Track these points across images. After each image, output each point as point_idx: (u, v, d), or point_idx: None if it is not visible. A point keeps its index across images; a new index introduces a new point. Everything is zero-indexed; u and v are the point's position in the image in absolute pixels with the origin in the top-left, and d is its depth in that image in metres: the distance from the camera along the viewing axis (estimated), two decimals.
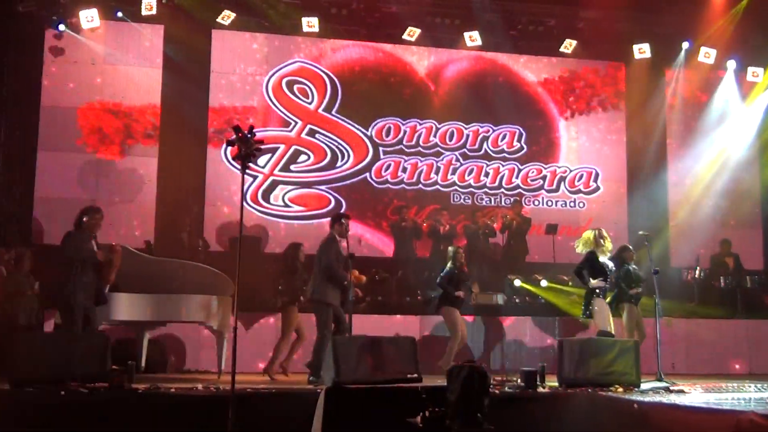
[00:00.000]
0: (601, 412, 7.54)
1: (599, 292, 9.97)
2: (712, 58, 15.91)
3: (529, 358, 11.68)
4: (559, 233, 15.22)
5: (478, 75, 16.24)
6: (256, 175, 14.85)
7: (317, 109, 15.41)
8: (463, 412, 6.58)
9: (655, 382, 9.14)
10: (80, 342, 8.17)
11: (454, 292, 11.07)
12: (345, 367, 7.71)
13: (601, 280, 9.93)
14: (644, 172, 16.31)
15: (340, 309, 9.57)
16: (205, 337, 11.19)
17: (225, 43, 15.18)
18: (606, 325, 9.75)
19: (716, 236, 15.43)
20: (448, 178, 15.70)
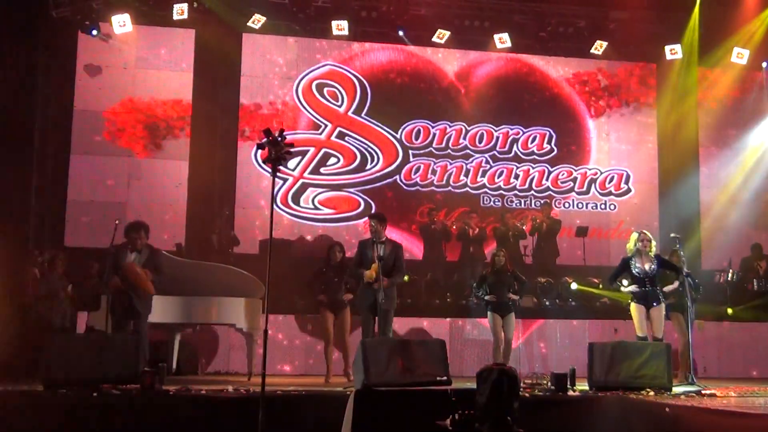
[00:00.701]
0: (631, 415, 7.49)
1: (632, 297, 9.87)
2: (745, 58, 15.74)
3: (560, 361, 11.60)
4: (589, 235, 15.14)
5: (508, 77, 16.20)
6: (286, 178, 14.92)
7: (347, 112, 15.46)
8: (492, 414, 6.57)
9: (686, 386, 9.07)
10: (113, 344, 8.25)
11: (483, 296, 10.82)
12: (374, 370, 7.70)
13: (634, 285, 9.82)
14: (676, 174, 16.19)
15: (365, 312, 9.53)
16: (235, 339, 11.26)
17: (255, 47, 15.28)
18: (639, 331, 9.67)
19: (748, 239, 15.26)
20: (478, 181, 15.68)
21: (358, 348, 8.00)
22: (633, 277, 9.87)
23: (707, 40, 15.85)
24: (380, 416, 7.24)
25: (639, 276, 9.81)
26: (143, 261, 9.07)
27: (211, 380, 10.00)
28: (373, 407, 7.29)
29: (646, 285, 9.79)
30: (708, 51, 15.99)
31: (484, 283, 10.81)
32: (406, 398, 7.44)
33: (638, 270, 9.82)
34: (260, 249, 14.11)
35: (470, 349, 12.17)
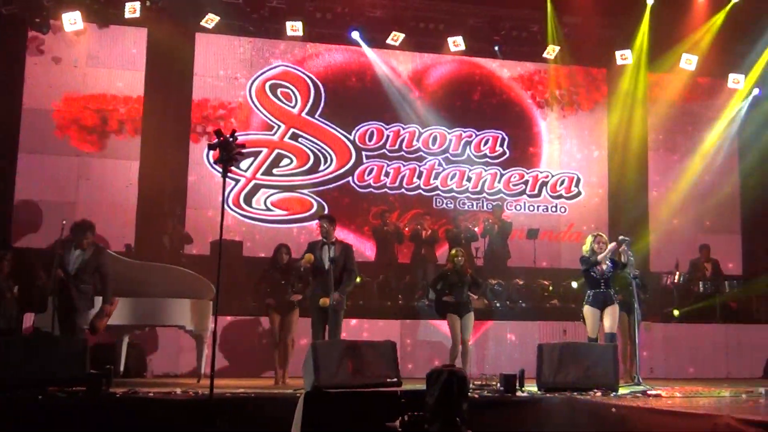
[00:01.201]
0: (579, 416, 7.56)
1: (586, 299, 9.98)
2: (693, 64, 15.99)
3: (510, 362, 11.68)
4: (540, 238, 15.30)
5: (461, 80, 16.31)
6: (239, 179, 14.85)
7: (300, 113, 15.43)
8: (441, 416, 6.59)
9: (633, 386, 9.20)
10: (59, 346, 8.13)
11: (441, 296, 10.86)
12: (325, 371, 7.70)
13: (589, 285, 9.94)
14: (625, 177, 16.42)
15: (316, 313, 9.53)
16: (185, 341, 11.15)
17: (208, 47, 15.19)
18: (592, 333, 9.78)
19: (696, 242, 15.52)
20: (431, 183, 15.75)
21: (309, 350, 7.98)
22: (590, 278, 9.96)
23: (657, 45, 16.09)
24: (330, 418, 7.24)
25: (596, 277, 9.90)
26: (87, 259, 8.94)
27: (160, 383, 9.90)
28: (322, 409, 7.28)
29: (601, 286, 9.89)
30: (657, 57, 16.23)
31: (442, 281, 10.82)
32: (355, 400, 7.44)
33: (595, 272, 9.91)
34: (211, 250, 13.99)
35: (421, 351, 12.21)
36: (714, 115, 16.73)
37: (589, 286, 9.98)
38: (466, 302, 10.71)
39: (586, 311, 9.92)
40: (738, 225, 16.66)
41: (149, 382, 10.20)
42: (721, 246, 15.55)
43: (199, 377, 10.22)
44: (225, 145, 6.89)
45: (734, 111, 16.72)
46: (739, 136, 16.76)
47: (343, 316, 9.65)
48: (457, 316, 10.64)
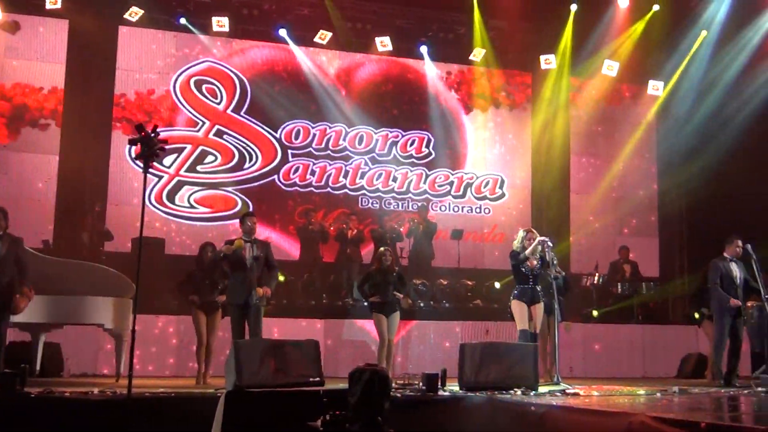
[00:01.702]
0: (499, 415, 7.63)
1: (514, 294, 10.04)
2: (615, 70, 16.37)
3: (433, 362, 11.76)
4: (464, 239, 15.43)
5: (389, 80, 16.37)
6: (161, 176, 14.63)
7: (226, 110, 15.28)
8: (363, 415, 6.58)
9: (552, 385, 9.34)
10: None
11: (368, 296, 10.86)
12: (247, 370, 7.63)
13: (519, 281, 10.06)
14: (548, 180, 16.70)
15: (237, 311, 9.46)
16: (104, 340, 10.93)
17: (132, 40, 14.92)
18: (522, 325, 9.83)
19: (615, 244, 15.87)
20: (357, 182, 15.76)
21: (231, 349, 7.91)
22: (519, 274, 10.04)
23: (580, 51, 16.40)
24: (251, 418, 7.17)
25: (525, 273, 9.98)
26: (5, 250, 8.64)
27: (77, 382, 9.67)
28: (243, 408, 7.22)
29: (529, 282, 9.99)
30: (580, 62, 16.55)
31: (369, 281, 10.83)
32: (277, 399, 7.39)
33: (525, 267, 10.01)
34: (132, 247, 13.72)
35: (345, 350, 12.20)
36: (634, 121, 17.14)
37: (517, 281, 10.05)
38: (392, 302, 10.74)
39: (514, 305, 9.95)
40: (656, 228, 17.08)
41: (66, 381, 9.96)
42: (639, 248, 15.94)
43: (117, 377, 10.02)
44: (146, 141, 6.77)
45: (653, 116, 17.14)
46: (657, 140, 17.18)
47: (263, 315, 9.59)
48: (384, 316, 10.66)
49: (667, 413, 6.02)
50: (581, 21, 16.09)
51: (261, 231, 13.32)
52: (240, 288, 9.41)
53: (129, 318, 9.89)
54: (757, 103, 14.78)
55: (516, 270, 10.06)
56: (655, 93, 16.88)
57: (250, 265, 9.41)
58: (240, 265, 9.42)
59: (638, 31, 16.13)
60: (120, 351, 10.15)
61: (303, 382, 7.85)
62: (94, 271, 10.39)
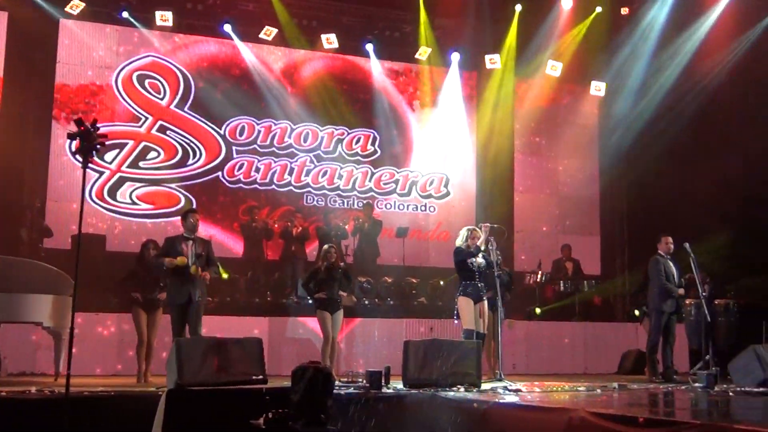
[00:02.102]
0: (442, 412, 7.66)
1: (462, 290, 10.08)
2: (558, 70, 16.55)
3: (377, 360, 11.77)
4: (409, 236, 15.46)
5: (335, 77, 16.31)
6: (103, 171, 14.40)
7: (169, 105, 15.09)
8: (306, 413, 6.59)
9: (494, 382, 9.42)
10: None
11: (313, 293, 10.85)
12: (188, 369, 7.55)
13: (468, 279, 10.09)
14: (492, 178, 16.84)
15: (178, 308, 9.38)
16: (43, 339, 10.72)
17: (73, 34, 14.65)
18: (470, 324, 9.89)
19: (558, 243, 16.08)
20: (302, 180, 15.70)
21: (172, 347, 7.82)
22: (466, 270, 10.06)
23: (524, 51, 16.56)
24: (192, 416, 7.10)
25: (474, 269, 10.03)
26: None
27: (15, 381, 9.47)
28: (185, 407, 7.14)
29: (476, 279, 10.03)
30: (525, 62, 16.71)
31: (315, 278, 10.79)
32: (219, 398, 7.33)
33: (473, 264, 10.02)
34: (72, 244, 13.48)
35: (289, 348, 12.14)
36: (576, 121, 17.36)
37: (463, 278, 10.08)
38: (336, 299, 10.73)
39: (462, 302, 9.98)
40: (597, 227, 17.32)
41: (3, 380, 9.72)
42: (581, 247, 16.15)
43: (56, 376, 9.83)
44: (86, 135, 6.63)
45: (595, 117, 17.38)
46: (599, 140, 17.42)
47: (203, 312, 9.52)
48: (328, 313, 10.64)
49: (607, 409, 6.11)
50: (526, 21, 16.26)
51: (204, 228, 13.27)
52: (181, 286, 9.35)
53: (68, 316, 9.70)
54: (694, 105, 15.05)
55: (462, 266, 10.10)
56: (597, 94, 17.13)
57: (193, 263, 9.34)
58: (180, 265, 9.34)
59: (581, 33, 16.36)
60: (59, 349, 9.96)
61: (246, 380, 7.78)
62: (32, 268, 10.18)
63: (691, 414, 6.76)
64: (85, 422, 6.93)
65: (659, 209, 15.17)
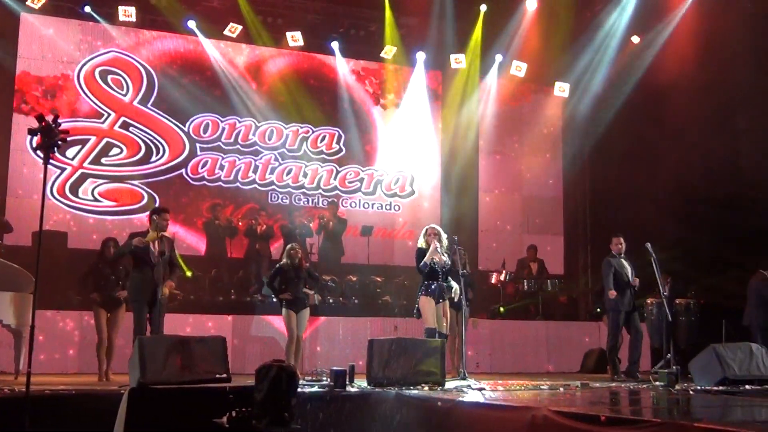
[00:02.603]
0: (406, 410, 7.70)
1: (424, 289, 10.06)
2: (523, 71, 16.66)
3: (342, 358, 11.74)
4: (374, 235, 15.48)
5: (300, 75, 16.27)
6: (64, 167, 14.24)
7: (132, 102, 14.95)
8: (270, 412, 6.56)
9: (458, 381, 9.45)
10: None
11: (278, 292, 10.79)
12: (151, 367, 7.48)
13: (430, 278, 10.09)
14: (457, 178, 16.89)
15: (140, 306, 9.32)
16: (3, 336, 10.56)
17: (34, 28, 14.45)
18: (432, 323, 9.86)
19: (522, 242, 16.20)
20: (266, 178, 15.64)
21: (135, 345, 7.75)
22: (429, 270, 10.02)
23: (489, 51, 16.65)
24: (155, 415, 7.03)
25: (436, 269, 10.03)
26: None
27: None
28: (147, 406, 7.07)
29: (439, 278, 10.01)
30: (489, 62, 16.79)
31: (279, 277, 10.73)
32: (182, 396, 7.26)
33: (435, 263, 10.03)
34: (33, 241, 13.29)
35: (253, 346, 12.09)
36: (540, 121, 17.49)
37: (426, 277, 10.05)
38: (302, 298, 10.70)
39: (423, 302, 9.95)
40: (561, 227, 17.46)
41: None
42: (544, 246, 16.28)
43: (16, 374, 9.70)
44: (47, 131, 6.56)
45: (559, 117, 17.52)
46: (563, 141, 17.57)
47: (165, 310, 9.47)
48: (293, 312, 10.61)
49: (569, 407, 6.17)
50: (491, 22, 16.33)
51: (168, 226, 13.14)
52: (145, 284, 9.27)
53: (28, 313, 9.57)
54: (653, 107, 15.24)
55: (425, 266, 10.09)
56: (561, 94, 17.27)
57: (156, 261, 9.28)
58: (145, 261, 9.27)
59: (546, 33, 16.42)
60: (19, 347, 9.83)
61: (209, 378, 7.72)
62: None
63: (652, 412, 6.86)
64: (47, 421, 6.87)
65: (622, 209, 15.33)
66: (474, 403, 7.15)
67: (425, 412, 7.40)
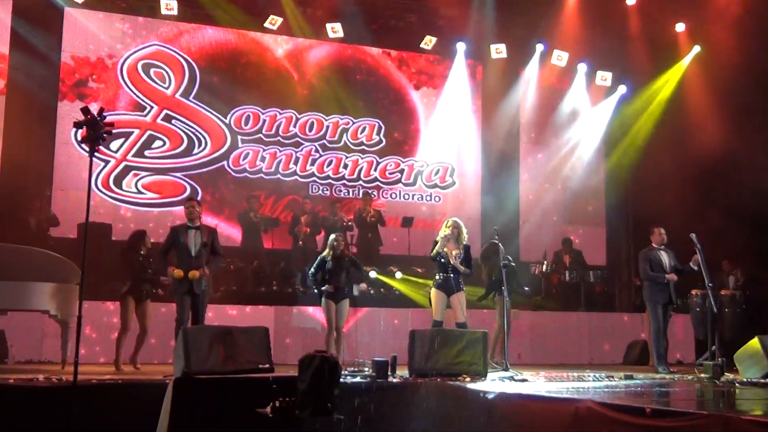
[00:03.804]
0: (448, 401, 7.70)
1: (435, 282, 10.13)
2: (564, 60, 16.53)
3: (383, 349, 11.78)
4: (414, 226, 15.46)
5: (340, 66, 16.29)
6: (108, 160, 14.40)
7: (174, 94, 15.07)
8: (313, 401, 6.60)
9: (501, 372, 9.42)
10: None
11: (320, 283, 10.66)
12: (195, 357, 7.57)
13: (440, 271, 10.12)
14: (498, 168, 16.82)
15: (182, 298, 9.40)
16: (49, 327, 10.75)
17: (78, 23, 14.61)
18: (436, 315, 9.97)
19: (564, 232, 16.08)
20: (307, 169, 15.69)
21: (179, 336, 7.84)
22: (439, 263, 10.09)
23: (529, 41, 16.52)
24: (200, 405, 7.12)
25: (444, 263, 10.07)
26: None
27: (22, 369, 9.52)
28: (192, 396, 7.16)
29: (448, 272, 10.05)
30: (530, 52, 16.65)
31: (322, 268, 10.75)
32: (226, 386, 7.34)
33: (444, 257, 10.06)
34: (79, 233, 13.46)
35: (295, 337, 12.16)
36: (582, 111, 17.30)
37: (438, 269, 10.14)
38: (342, 288, 10.69)
39: (433, 294, 10.10)
40: (603, 217, 17.30)
41: (11, 368, 9.79)
42: (586, 237, 16.15)
43: (63, 363, 9.86)
44: (92, 124, 6.64)
45: (601, 107, 17.34)
46: (605, 131, 17.38)
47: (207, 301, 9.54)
48: (333, 303, 10.62)
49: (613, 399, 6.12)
50: (531, 11, 16.17)
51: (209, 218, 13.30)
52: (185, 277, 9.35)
53: (75, 304, 9.72)
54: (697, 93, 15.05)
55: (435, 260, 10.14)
56: (603, 83, 17.09)
57: (197, 252, 9.35)
58: (185, 253, 9.37)
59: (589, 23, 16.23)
60: (65, 337, 9.98)
61: (252, 368, 7.81)
62: (38, 256, 10.19)
63: (697, 404, 6.78)
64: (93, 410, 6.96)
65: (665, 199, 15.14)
66: (517, 394, 7.11)
67: (467, 403, 7.38)
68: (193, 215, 9.57)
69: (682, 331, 13.55)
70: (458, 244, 10.11)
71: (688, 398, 7.47)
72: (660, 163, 15.60)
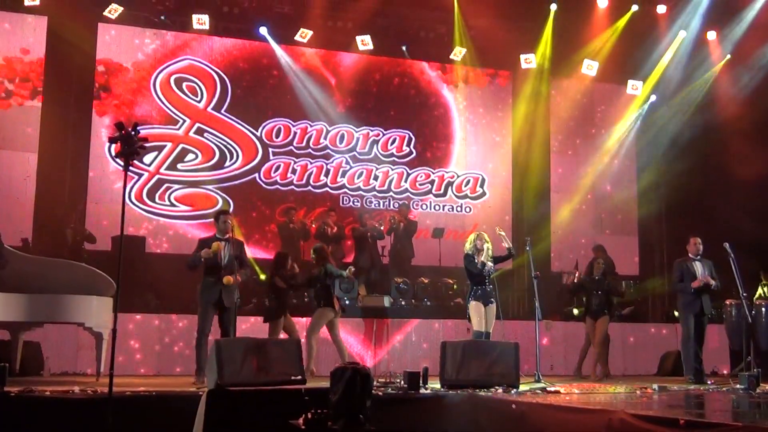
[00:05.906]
0: (480, 412, 7.69)
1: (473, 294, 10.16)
2: (594, 70, 16.46)
3: (414, 360, 11.79)
4: (445, 237, 15.46)
5: (370, 79, 16.36)
6: (142, 173, 14.57)
7: (206, 108, 15.23)
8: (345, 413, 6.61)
9: (533, 383, 9.39)
10: None
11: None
12: (228, 369, 7.63)
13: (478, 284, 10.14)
14: (528, 178, 16.76)
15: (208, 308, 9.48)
16: (84, 339, 10.87)
17: (111, 37, 14.83)
18: (479, 327, 9.96)
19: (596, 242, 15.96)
20: (338, 181, 15.76)
21: (212, 347, 7.90)
22: (476, 275, 10.13)
23: (560, 50, 16.48)
24: (233, 416, 7.17)
25: (483, 274, 10.11)
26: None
27: (58, 381, 9.62)
28: (225, 407, 7.21)
29: (486, 283, 10.11)
30: (560, 61, 16.62)
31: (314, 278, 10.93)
32: (259, 398, 7.39)
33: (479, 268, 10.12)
34: (113, 245, 13.64)
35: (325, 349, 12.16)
36: (613, 120, 17.23)
37: (474, 282, 10.19)
38: None
39: (473, 306, 10.10)
40: (635, 227, 17.18)
41: (46, 380, 9.90)
42: (618, 247, 16.04)
43: (98, 375, 9.96)
44: (126, 138, 6.74)
45: (633, 116, 17.25)
46: (636, 140, 17.28)
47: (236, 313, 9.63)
48: None
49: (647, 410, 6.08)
50: (561, 20, 16.16)
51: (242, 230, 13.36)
52: (212, 287, 9.43)
53: (110, 316, 9.82)
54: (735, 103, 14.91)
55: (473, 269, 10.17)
56: (634, 92, 17.02)
57: (227, 263, 9.44)
58: (214, 266, 9.44)
59: (618, 31, 16.22)
60: (100, 349, 10.05)
61: (285, 380, 7.85)
62: (74, 269, 10.31)
63: (732, 416, 6.71)
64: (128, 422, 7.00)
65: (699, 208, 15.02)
66: (550, 405, 7.07)
67: (500, 415, 7.37)
68: (226, 228, 9.66)
69: (716, 342, 13.39)
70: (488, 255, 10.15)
71: (723, 409, 7.38)
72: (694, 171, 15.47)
